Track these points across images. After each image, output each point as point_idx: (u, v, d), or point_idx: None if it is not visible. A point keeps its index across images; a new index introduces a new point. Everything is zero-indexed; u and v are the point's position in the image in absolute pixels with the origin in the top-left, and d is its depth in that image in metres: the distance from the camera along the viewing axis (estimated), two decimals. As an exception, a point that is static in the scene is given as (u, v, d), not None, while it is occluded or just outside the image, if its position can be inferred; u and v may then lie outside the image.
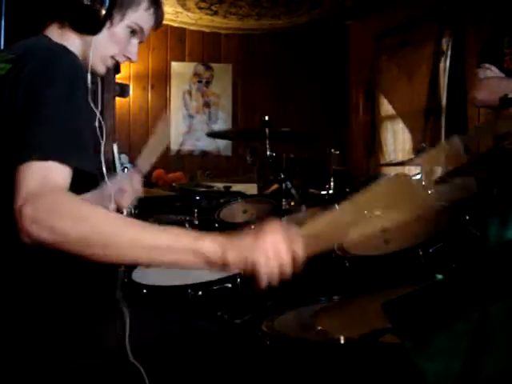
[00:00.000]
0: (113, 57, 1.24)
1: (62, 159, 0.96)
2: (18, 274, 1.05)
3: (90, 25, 1.17)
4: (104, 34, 1.18)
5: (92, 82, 1.17)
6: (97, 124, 1.16)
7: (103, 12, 1.15)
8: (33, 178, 0.93)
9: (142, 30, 1.23)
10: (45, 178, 0.93)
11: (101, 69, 1.23)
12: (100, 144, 1.18)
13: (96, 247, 0.92)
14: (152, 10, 1.24)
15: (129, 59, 1.26)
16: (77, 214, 0.92)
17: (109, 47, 1.22)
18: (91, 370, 1.03)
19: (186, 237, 0.96)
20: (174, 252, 0.94)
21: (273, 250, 0.96)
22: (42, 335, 1.03)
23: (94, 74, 1.23)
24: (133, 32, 1.23)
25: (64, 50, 1.11)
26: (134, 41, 1.25)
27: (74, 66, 1.06)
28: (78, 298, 1.11)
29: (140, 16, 1.22)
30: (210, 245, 0.95)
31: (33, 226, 0.89)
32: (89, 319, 1.08)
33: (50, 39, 1.17)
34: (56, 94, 1.00)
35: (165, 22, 1.20)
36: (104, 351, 1.05)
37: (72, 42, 1.18)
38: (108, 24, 1.18)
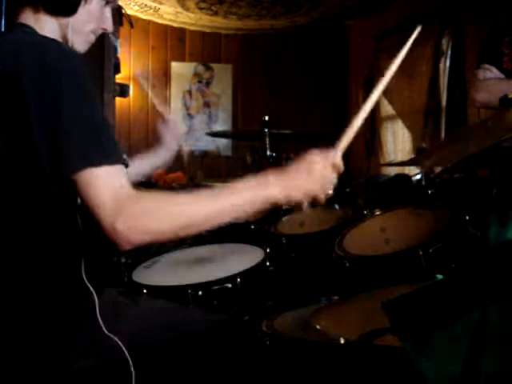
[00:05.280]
0: (92, 31, 1.23)
1: (114, 160, 0.99)
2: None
3: (66, 6, 1.15)
4: (80, 12, 1.17)
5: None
6: None
7: None
8: (104, 188, 0.96)
9: None
10: (115, 185, 0.97)
11: (83, 47, 1.23)
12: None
13: (192, 228, 1.04)
14: None
15: (105, 30, 1.26)
16: (164, 211, 1.01)
17: (87, 24, 1.21)
18: (77, 357, 1.05)
19: (257, 192, 1.09)
20: (252, 207, 1.08)
21: (322, 175, 1.14)
22: (23, 330, 1.03)
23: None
24: (106, 3, 1.23)
25: (54, 44, 1.08)
26: (108, 10, 1.25)
27: (72, 60, 1.05)
28: (52, 287, 1.11)
29: None
30: (276, 192, 1.09)
31: (132, 236, 0.96)
32: (63, 312, 1.09)
33: (32, 32, 1.13)
34: (74, 95, 1.00)
35: (165, 22, 1.20)
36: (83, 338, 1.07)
37: (49, 26, 1.16)
38: (83, 2, 1.17)
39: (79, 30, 1.19)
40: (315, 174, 1.12)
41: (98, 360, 1.06)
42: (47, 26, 1.16)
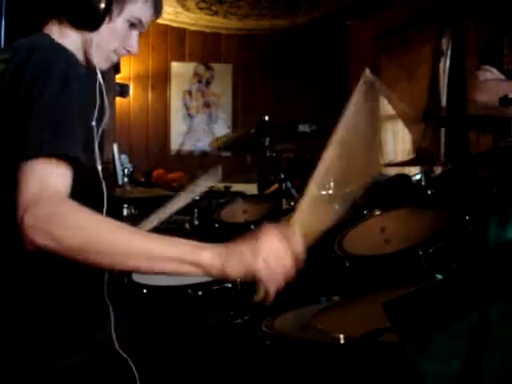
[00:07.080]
0: (115, 51, 1.23)
1: (56, 150, 0.96)
2: (6, 274, 1.05)
3: (89, 21, 1.16)
4: (104, 29, 1.17)
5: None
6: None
7: (102, 7, 1.14)
8: (33, 181, 0.93)
9: (140, 22, 1.22)
10: (44, 181, 0.94)
11: (104, 64, 1.22)
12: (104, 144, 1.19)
13: (92, 255, 0.93)
14: (150, 2, 1.22)
15: (129, 52, 1.25)
16: (75, 223, 0.93)
17: (109, 42, 1.21)
18: (80, 365, 1.04)
19: (186, 247, 0.96)
20: (173, 262, 0.95)
21: (273, 256, 0.97)
22: (28, 333, 1.04)
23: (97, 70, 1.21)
24: (132, 25, 1.22)
25: (60, 49, 1.11)
26: (134, 33, 1.24)
27: (68, 64, 1.06)
28: (65, 295, 1.12)
29: (138, 9, 1.20)
30: (208, 256, 0.95)
31: (34, 234, 0.90)
32: (76, 316, 1.09)
33: (49, 38, 1.16)
34: (49, 94, 0.99)
35: (165, 22, 1.19)
36: (91, 345, 1.07)
37: (72, 39, 1.18)
38: (107, 19, 1.17)
39: (101, 47, 1.19)
40: (263, 251, 0.97)
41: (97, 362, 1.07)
42: (70, 38, 1.18)
